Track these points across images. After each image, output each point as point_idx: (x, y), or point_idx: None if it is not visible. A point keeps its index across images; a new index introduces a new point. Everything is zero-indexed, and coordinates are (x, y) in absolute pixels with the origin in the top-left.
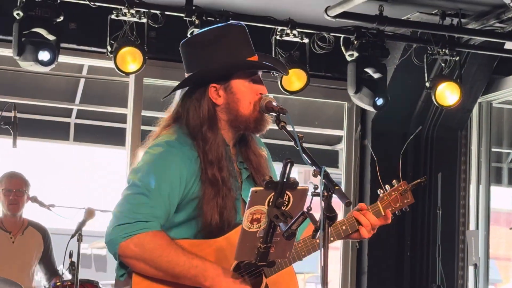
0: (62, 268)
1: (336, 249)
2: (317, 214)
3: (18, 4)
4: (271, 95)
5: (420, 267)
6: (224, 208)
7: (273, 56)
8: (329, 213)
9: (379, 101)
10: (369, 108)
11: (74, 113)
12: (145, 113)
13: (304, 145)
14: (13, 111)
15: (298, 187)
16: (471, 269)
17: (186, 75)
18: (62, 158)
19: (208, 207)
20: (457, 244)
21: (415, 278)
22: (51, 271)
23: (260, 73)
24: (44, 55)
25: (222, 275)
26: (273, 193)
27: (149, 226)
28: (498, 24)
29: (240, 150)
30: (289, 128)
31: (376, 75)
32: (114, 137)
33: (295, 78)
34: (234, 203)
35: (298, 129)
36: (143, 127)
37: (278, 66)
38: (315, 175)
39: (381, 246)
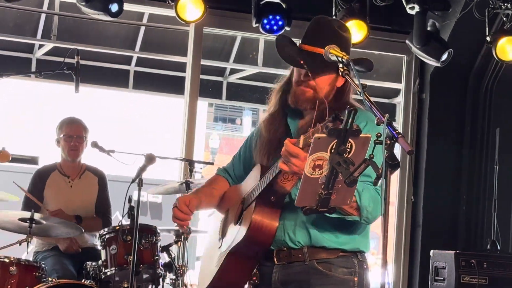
0: (121, 214)
1: (391, 203)
2: None
3: None
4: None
5: (476, 222)
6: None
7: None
8: (392, 161)
9: (444, 55)
10: (435, 62)
11: (133, 61)
12: (204, 62)
13: None
14: (76, 57)
15: (360, 135)
16: None
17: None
18: (122, 105)
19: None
20: None
21: (470, 232)
22: (104, 219)
23: None
24: (114, 6)
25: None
26: (335, 140)
27: (217, 172)
28: None
29: None
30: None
31: (436, 29)
32: (173, 86)
33: (355, 30)
34: None
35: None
36: (202, 76)
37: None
38: (378, 124)
39: (437, 200)
